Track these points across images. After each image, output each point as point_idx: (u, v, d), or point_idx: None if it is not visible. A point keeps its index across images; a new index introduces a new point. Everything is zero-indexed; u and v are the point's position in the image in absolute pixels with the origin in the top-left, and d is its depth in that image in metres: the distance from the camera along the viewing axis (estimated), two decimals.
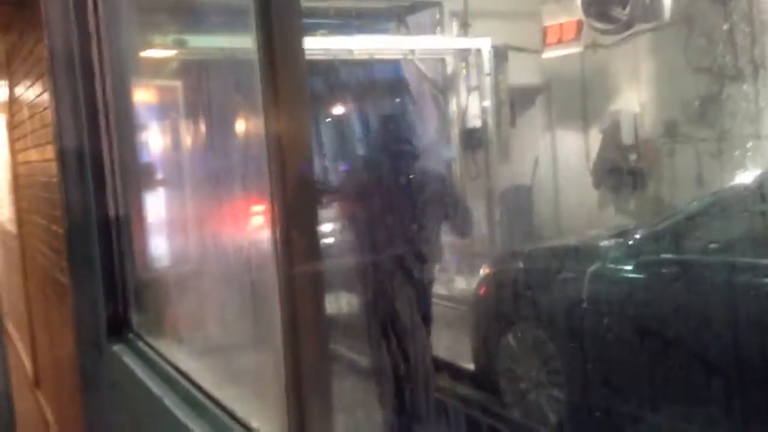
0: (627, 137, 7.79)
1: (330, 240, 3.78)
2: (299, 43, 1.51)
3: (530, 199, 8.31)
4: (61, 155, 2.83)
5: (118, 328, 2.70)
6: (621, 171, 7.63)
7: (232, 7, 1.99)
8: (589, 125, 8.52)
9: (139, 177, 2.79)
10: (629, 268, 3.61)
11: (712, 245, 3.40)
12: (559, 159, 8.66)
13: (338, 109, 8.10)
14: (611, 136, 7.95)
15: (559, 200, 8.52)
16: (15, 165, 5.31)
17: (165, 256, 2.76)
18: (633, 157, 7.74)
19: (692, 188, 6.41)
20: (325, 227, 3.72)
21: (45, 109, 3.38)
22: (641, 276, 3.59)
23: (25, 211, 5.03)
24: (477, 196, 8.03)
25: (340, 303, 4.08)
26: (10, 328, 6.87)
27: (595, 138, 8.21)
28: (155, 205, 2.77)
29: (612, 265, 3.69)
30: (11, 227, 5.85)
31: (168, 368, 2.17)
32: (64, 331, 3.35)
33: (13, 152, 5.30)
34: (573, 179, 8.21)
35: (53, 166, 3.04)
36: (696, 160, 6.65)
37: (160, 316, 2.66)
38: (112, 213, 2.74)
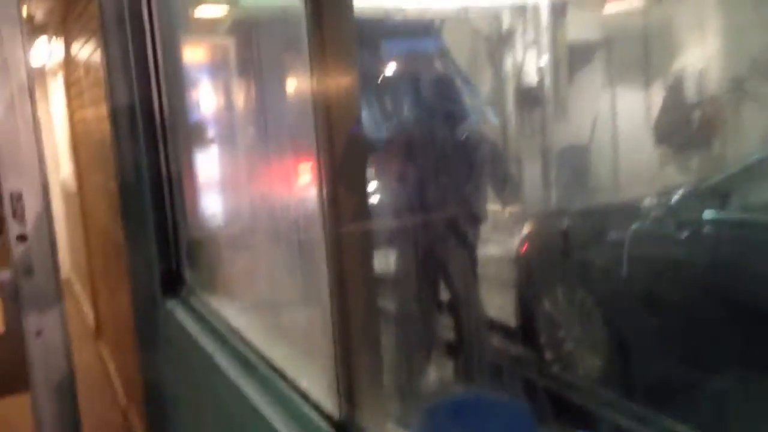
0: (691, 94, 7.50)
1: (376, 198, 3.74)
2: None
3: (588, 159, 8.10)
4: (113, 112, 2.85)
5: (172, 284, 2.73)
6: (684, 129, 7.37)
7: None
8: (651, 82, 8.22)
9: (190, 135, 2.79)
10: (669, 227, 3.49)
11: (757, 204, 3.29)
12: (619, 117, 8.40)
13: (387, 67, 7.98)
14: (674, 93, 7.66)
15: (618, 160, 8.29)
16: (73, 122, 5.41)
17: (217, 214, 2.77)
18: (697, 114, 7.46)
19: (759, 147, 6.15)
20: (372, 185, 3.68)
21: (98, 66, 3.40)
22: (680, 236, 3.45)
23: (84, 168, 5.13)
24: (532, 155, 7.87)
25: (387, 261, 4.06)
26: (75, 281, 7.09)
27: (658, 96, 7.92)
28: (207, 164, 2.77)
29: (652, 225, 3.57)
30: (72, 184, 5.99)
31: (219, 325, 2.18)
32: (122, 286, 3.42)
33: (71, 110, 5.40)
34: (633, 138, 7.96)
35: (107, 124, 3.07)
36: (764, 118, 6.36)
37: (213, 273, 2.68)
38: (164, 171, 2.75)
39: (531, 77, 7.88)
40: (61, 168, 6.99)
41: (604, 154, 8.13)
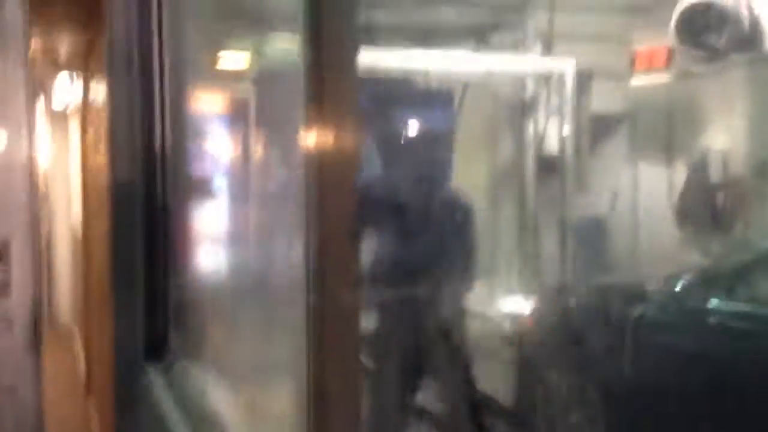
0: (715, 175, 7.35)
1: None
2: (352, 49, 1.32)
3: (606, 233, 7.92)
4: (112, 158, 2.72)
5: (157, 349, 2.55)
6: (706, 210, 7.19)
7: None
8: (674, 159, 8.08)
9: (190, 190, 2.65)
10: (672, 314, 3.38)
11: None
12: (641, 193, 8.24)
13: (402, 127, 7.93)
14: (698, 173, 7.51)
15: (638, 236, 8.09)
16: (85, 167, 5.33)
17: (211, 274, 2.60)
18: (720, 196, 7.29)
19: None
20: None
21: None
22: (683, 324, 3.37)
23: (92, 215, 5.02)
24: (549, 225, 7.69)
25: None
26: (77, 332, 6.92)
27: (681, 174, 7.78)
28: (206, 219, 2.62)
29: (656, 311, 3.46)
30: (79, 231, 5.89)
31: (199, 404, 1.99)
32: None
33: (84, 154, 5.32)
34: (654, 215, 7.78)
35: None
36: None
37: (201, 339, 2.50)
38: (159, 224, 2.60)
39: (552, 147, 7.76)
40: (74, 214, 6.91)
41: (622, 229, 7.94)
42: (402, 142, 7.42)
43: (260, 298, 2.02)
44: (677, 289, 3.53)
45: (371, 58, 6.84)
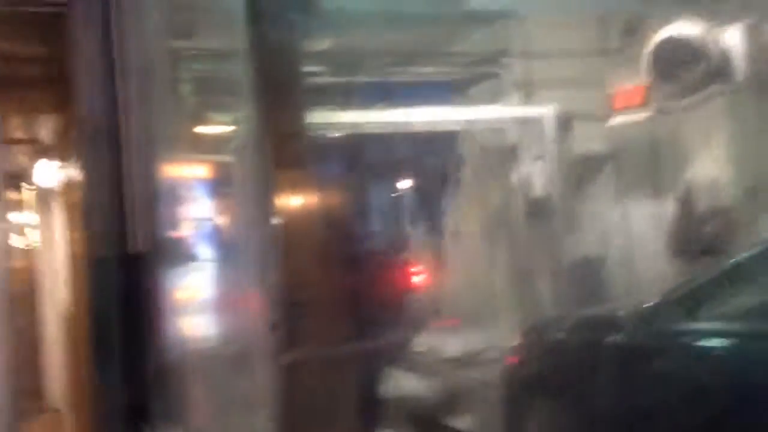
0: (703, 205, 7.37)
1: None
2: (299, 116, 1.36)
3: (600, 272, 7.89)
4: (88, 232, 2.73)
5: (138, 417, 2.51)
6: (697, 241, 7.19)
7: None
8: (662, 193, 8.12)
9: (165, 258, 2.66)
10: (640, 338, 3.44)
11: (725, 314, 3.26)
12: (631, 229, 8.25)
13: (399, 182, 8.00)
14: (686, 205, 7.54)
15: (633, 272, 8.06)
16: (71, 245, 5.33)
17: (188, 340, 2.58)
18: (710, 226, 7.30)
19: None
20: None
21: None
22: (650, 347, 3.43)
23: (77, 291, 5.01)
24: (542, 268, 7.67)
25: None
26: (68, 417, 6.80)
27: (669, 206, 7.80)
28: (179, 287, 2.62)
29: (626, 336, 3.51)
30: (66, 308, 5.86)
31: None
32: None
33: (70, 232, 5.34)
34: (646, 250, 7.77)
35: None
36: None
37: (181, 403, 2.47)
38: (135, 294, 2.59)
39: (538, 190, 7.81)
40: (62, 294, 6.88)
41: (613, 265, 7.92)
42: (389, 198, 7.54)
43: (235, 362, 2.01)
44: (646, 313, 3.56)
45: (353, 117, 6.96)
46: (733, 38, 6.53)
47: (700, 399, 3.10)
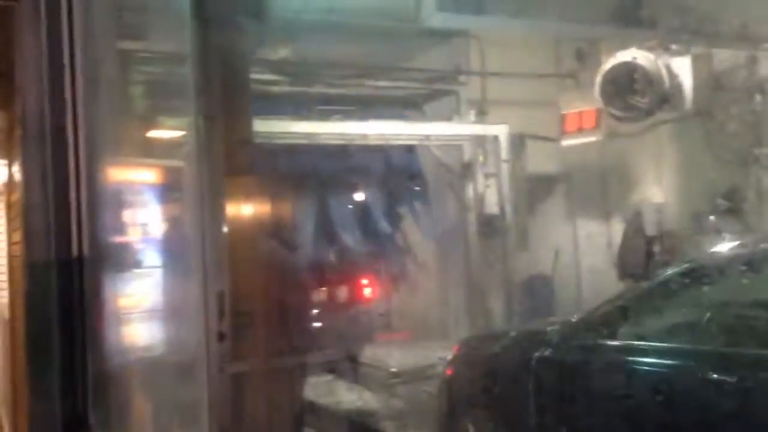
0: (650, 228, 7.54)
1: None
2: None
3: (550, 290, 7.99)
4: (26, 233, 2.64)
5: (76, 427, 2.43)
6: (644, 261, 7.34)
7: None
8: (610, 215, 8.29)
9: (107, 263, 2.59)
10: (564, 353, 3.66)
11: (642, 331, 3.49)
12: (580, 249, 8.39)
13: (353, 194, 7.98)
14: (634, 227, 7.70)
15: (580, 291, 8.19)
16: (10, 246, 5.18)
17: (129, 348, 2.52)
18: (657, 248, 7.47)
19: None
20: None
21: None
22: (573, 361, 3.64)
23: (16, 294, 4.86)
24: (493, 284, 7.74)
25: None
26: (4, 417, 6.59)
27: (618, 228, 7.96)
28: (122, 293, 2.56)
29: (551, 351, 3.73)
30: (5, 312, 5.68)
31: None
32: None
33: (9, 232, 5.18)
34: (595, 270, 7.91)
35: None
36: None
37: (121, 413, 2.40)
38: (76, 298, 2.52)
39: (492, 207, 7.89)
40: (1, 294, 6.66)
41: (564, 283, 8.04)
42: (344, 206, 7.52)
43: (179, 372, 1.96)
44: (567, 330, 3.78)
45: (308, 128, 6.94)
46: (681, 67, 6.72)
47: (617, 411, 3.31)
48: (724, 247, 4.16)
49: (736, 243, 4.14)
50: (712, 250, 4.34)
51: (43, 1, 2.51)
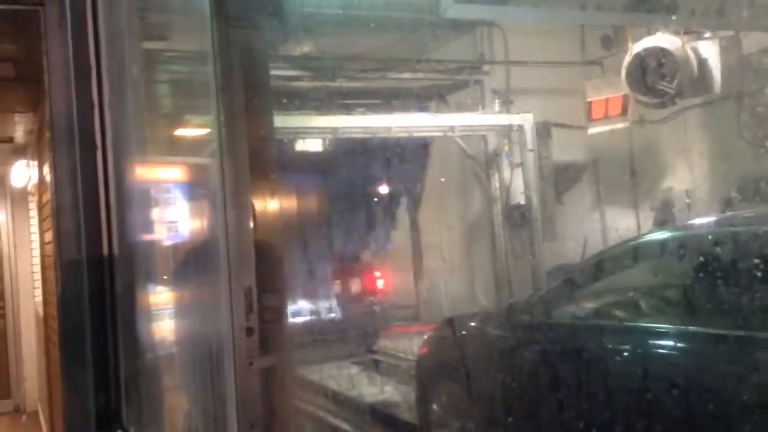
0: (679, 214, 7.45)
1: None
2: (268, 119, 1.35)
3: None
4: (58, 234, 2.69)
5: (109, 422, 2.48)
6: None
7: None
8: (639, 202, 8.20)
9: (136, 261, 2.63)
10: (506, 331, 4.07)
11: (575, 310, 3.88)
12: (609, 238, 8.31)
13: (377, 185, 8.00)
14: (663, 213, 7.61)
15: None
16: (43, 245, 5.27)
17: (164, 344, 2.56)
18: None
19: None
20: None
21: None
22: (511, 339, 4.02)
23: (49, 292, 4.95)
24: (521, 274, 7.70)
25: None
26: (41, 415, 6.74)
27: (647, 216, 7.88)
28: (155, 292, 2.60)
29: (500, 330, 4.15)
30: (39, 310, 5.79)
31: None
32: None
33: (42, 232, 5.28)
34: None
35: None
36: None
37: (154, 412, 2.44)
38: (108, 296, 2.56)
39: (518, 197, 7.85)
40: (36, 292, 6.80)
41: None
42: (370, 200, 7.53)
43: (204, 367, 1.99)
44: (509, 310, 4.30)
45: (332, 122, 6.96)
46: (709, 50, 6.61)
47: (546, 382, 3.71)
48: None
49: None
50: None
51: (68, 4, 2.55)
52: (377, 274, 7.08)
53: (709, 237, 3.55)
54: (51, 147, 2.72)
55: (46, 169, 4.57)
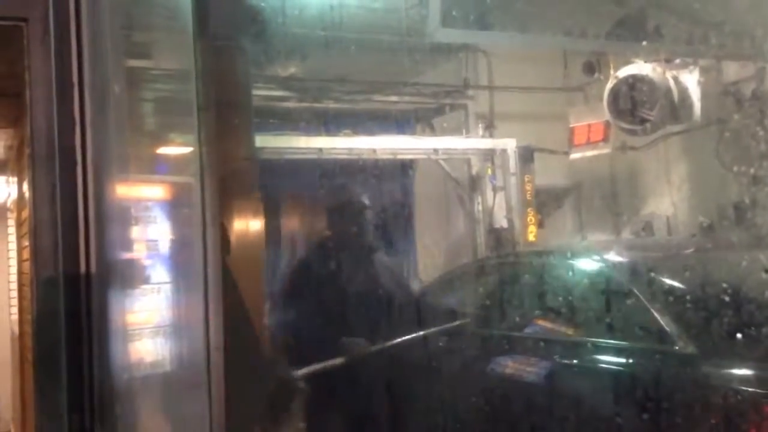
0: (661, 238, 7.50)
1: None
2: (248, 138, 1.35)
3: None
4: (35, 251, 2.66)
5: None
6: None
7: None
8: (620, 227, 8.26)
9: (114, 280, 2.60)
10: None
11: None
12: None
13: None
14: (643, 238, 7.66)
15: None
16: (20, 263, 5.22)
17: (137, 365, 2.53)
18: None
19: None
20: None
21: None
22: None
23: (26, 310, 4.89)
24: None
25: None
26: (15, 428, 6.62)
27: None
28: (132, 311, 2.57)
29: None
30: (15, 328, 5.71)
31: None
32: None
33: (20, 249, 5.22)
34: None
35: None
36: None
37: (127, 430, 2.40)
38: (83, 314, 2.53)
39: (500, 220, 7.88)
40: (12, 310, 6.71)
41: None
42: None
43: (180, 387, 1.96)
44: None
45: (317, 143, 6.97)
46: (690, 78, 6.71)
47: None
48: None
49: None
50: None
51: (52, 21, 2.54)
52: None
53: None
54: (30, 163, 2.70)
55: (26, 186, 4.53)
